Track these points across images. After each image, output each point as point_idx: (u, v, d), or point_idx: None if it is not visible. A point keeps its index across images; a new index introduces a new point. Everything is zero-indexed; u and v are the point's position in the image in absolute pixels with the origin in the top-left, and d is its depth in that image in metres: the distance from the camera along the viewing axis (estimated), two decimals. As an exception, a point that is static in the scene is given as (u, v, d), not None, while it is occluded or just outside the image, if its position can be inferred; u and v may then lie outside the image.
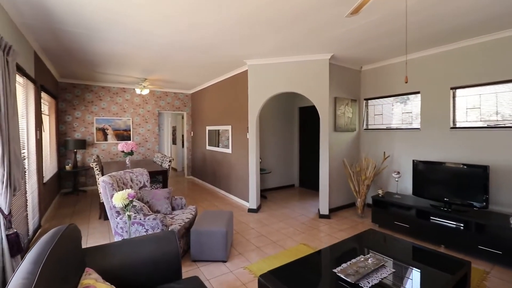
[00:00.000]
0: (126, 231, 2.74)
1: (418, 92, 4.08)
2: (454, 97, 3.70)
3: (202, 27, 3.09)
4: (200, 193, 6.02)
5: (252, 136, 4.56)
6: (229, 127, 5.55)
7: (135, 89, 5.90)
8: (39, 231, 3.70)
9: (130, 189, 2.36)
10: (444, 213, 3.19)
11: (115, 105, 6.67)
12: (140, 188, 3.37)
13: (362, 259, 2.00)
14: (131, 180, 3.30)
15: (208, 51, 3.98)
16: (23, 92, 3.27)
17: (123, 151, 5.02)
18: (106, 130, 6.57)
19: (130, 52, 4.02)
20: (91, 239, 3.43)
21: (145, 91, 5.88)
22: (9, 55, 2.20)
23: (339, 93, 4.54)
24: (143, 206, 2.89)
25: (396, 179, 4.00)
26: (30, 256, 1.16)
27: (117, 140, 6.70)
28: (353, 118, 4.79)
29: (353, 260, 2.00)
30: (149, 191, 3.33)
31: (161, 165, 5.25)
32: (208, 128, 6.61)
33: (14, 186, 2.29)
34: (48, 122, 5.41)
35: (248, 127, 4.61)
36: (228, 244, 2.98)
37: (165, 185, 4.70)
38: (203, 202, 5.25)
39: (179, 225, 2.84)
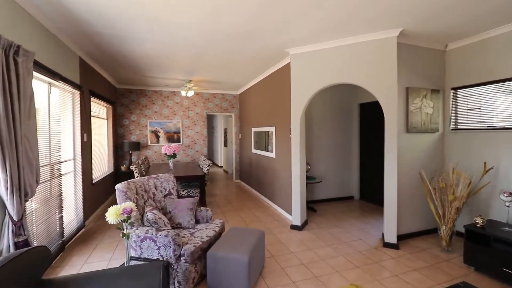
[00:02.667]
0: (140, 247, 2.42)
1: (547, 73, 2.70)
2: None
3: (231, 11, 2.58)
4: (243, 199, 5.56)
5: (296, 137, 3.84)
6: (273, 129, 4.94)
7: (181, 92, 5.86)
8: (82, 230, 3.80)
9: (130, 202, 1.99)
10: None
11: (166, 108, 6.83)
12: (165, 196, 3.06)
13: None
14: (155, 187, 3.02)
15: (243, 41, 3.46)
16: (61, 96, 3.34)
17: (166, 154, 4.94)
18: (158, 133, 6.77)
19: (162, 50, 3.83)
20: (100, 250, 3.29)
21: (190, 93, 5.77)
22: (19, 56, 2.09)
23: (412, 81, 3.43)
24: (159, 218, 2.53)
25: (507, 204, 2.70)
26: None
27: (168, 142, 6.83)
28: (435, 114, 3.57)
29: None
30: (173, 200, 2.99)
31: (202, 168, 5.00)
32: (253, 130, 6.14)
33: (25, 191, 2.18)
34: (106, 126, 5.79)
35: (291, 127, 3.91)
36: (254, 275, 2.37)
37: (202, 191, 4.38)
38: (243, 210, 4.76)
39: (195, 245, 2.37)
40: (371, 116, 5.22)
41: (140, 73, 5.18)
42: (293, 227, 3.83)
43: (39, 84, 2.88)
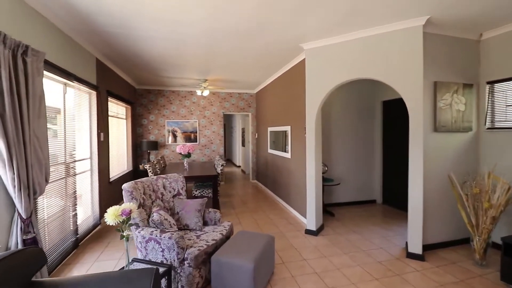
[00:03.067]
0: (145, 248, 2.37)
1: None
2: None
3: (233, 8, 2.46)
4: (258, 201, 5.43)
5: (311, 136, 3.63)
6: (288, 128, 4.76)
7: (196, 91, 5.85)
8: (97, 228, 3.88)
9: (131, 203, 1.93)
10: None
11: (184, 108, 6.88)
12: (173, 197, 3.02)
13: None
14: (164, 187, 2.98)
15: (254, 36, 3.33)
16: (77, 96, 3.41)
17: (180, 153, 4.95)
18: (175, 132, 6.84)
19: (173, 49, 3.80)
20: (111, 248, 3.29)
21: (206, 92, 5.74)
22: (28, 56, 2.12)
23: (441, 75, 3.10)
24: (164, 219, 2.47)
25: (557, 214, 2.32)
26: None
27: (186, 142, 6.88)
28: (467, 111, 3.20)
29: None
30: (181, 201, 2.93)
31: (216, 169, 4.94)
32: (269, 129, 5.98)
33: (34, 189, 2.21)
34: (125, 125, 5.94)
35: (305, 127, 3.71)
36: (260, 282, 2.23)
37: (214, 192, 4.31)
38: (257, 212, 4.63)
39: (199, 249, 2.28)
40: (395, 114, 4.86)
41: (156, 73, 5.24)
42: (308, 231, 3.63)
43: (54, 85, 2.95)
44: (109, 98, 4.57)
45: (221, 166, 4.58)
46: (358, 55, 3.23)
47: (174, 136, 6.85)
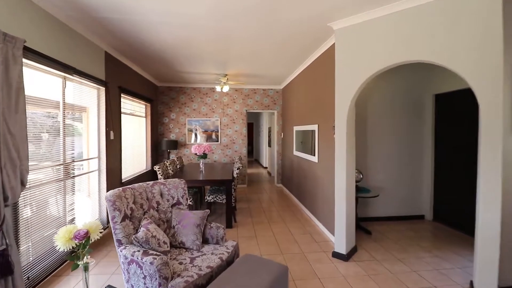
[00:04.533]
0: (127, 270, 1.95)
1: None
2: None
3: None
4: (281, 208, 4.83)
5: (341, 137, 2.94)
6: (315, 127, 4.07)
7: (216, 87, 5.40)
8: (103, 232, 3.62)
9: (90, 223, 1.49)
10: None
11: (205, 105, 6.53)
12: (172, 206, 2.57)
13: None
14: (161, 195, 2.54)
15: (272, 13, 2.74)
16: (80, 91, 3.15)
17: (196, 154, 4.56)
18: (196, 131, 6.53)
19: (182, 37, 3.37)
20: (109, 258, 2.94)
21: (226, 88, 5.29)
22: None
23: (533, 53, 2.21)
24: (152, 236, 2.02)
25: None
26: None
27: (207, 141, 6.54)
28: None
29: None
30: (179, 212, 2.47)
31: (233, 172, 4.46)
32: (295, 128, 5.33)
33: (5, 195, 1.90)
34: (144, 124, 5.75)
35: (334, 125, 3.02)
36: (264, 335, 1.65)
37: (228, 199, 3.82)
38: (277, 223, 4.03)
39: (187, 281, 1.77)
40: (453, 110, 3.89)
41: (173, 67, 4.92)
42: (336, 255, 2.95)
43: (51, 78, 2.70)
44: (122, 95, 4.34)
45: (237, 169, 4.07)
46: (407, 30, 2.46)
47: (195, 135, 6.54)
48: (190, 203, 3.91)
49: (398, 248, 3.20)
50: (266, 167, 10.21)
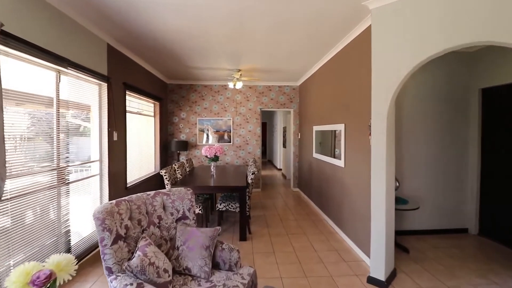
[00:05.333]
0: (119, 306, 1.55)
1: None
2: None
3: None
4: (300, 217, 4.35)
5: (380, 139, 2.43)
6: (341, 127, 3.57)
7: (228, 84, 4.97)
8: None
9: (67, 255, 1.09)
10: None
11: (217, 104, 6.14)
12: (177, 221, 2.16)
13: None
14: (163, 207, 2.14)
15: (296, -8, 2.28)
16: (77, 87, 2.80)
17: (206, 156, 4.17)
18: (207, 131, 6.15)
19: (192, 24, 2.97)
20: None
21: (239, 85, 4.87)
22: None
23: None
24: (149, 264, 1.61)
25: None
26: None
27: (219, 142, 6.15)
28: None
29: None
30: (185, 229, 2.05)
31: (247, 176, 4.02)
32: (315, 128, 4.84)
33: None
34: (153, 123, 5.43)
35: (370, 125, 2.52)
36: None
37: (242, 207, 3.39)
38: (297, 236, 3.56)
39: (192, 329, 1.35)
40: (503, 107, 3.29)
41: (182, 62, 4.54)
42: (372, 280, 2.45)
43: (41, 71, 2.35)
44: (128, 92, 4.00)
45: (252, 174, 3.63)
46: (466, 4, 1.92)
47: (207, 136, 6.16)
48: (200, 211, 3.50)
49: (444, 271, 2.66)
50: (280, 169, 9.73)
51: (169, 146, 5.79)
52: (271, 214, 4.53)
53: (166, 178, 3.51)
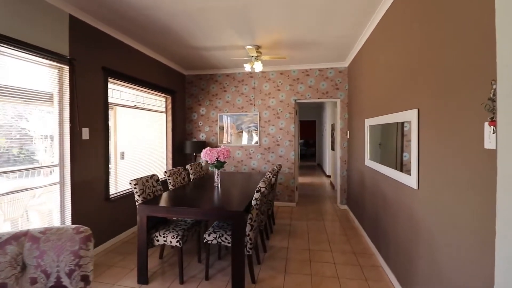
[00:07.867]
0: None
1: None
2: None
3: None
4: (343, 257, 2.86)
5: (507, 137, 0.89)
6: (412, 115, 2.01)
7: (244, 66, 3.74)
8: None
9: None
10: None
11: (241, 96, 5.03)
12: (46, 295, 1.08)
13: None
14: (22, 267, 1.08)
15: None
16: (17, 70, 2.03)
17: (207, 162, 3.10)
18: (229, 129, 5.10)
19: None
20: None
21: (258, 66, 3.65)
22: None
23: None
24: None
25: None
26: None
27: (242, 142, 5.03)
28: None
29: None
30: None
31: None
32: (367, 122, 3.26)
33: None
34: (164, 120, 4.65)
35: (490, 103, 1.00)
36: None
37: (235, 246, 2.14)
38: (329, 298, 2.14)
39: None
40: None
41: (184, 42, 3.57)
42: None
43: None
44: (114, 80, 3.21)
45: (259, 192, 2.34)
46: None
47: (230, 135, 5.11)
48: (178, 244, 2.38)
49: None
50: (329, 176, 8.07)
51: (184, 148, 4.93)
52: (297, 247, 3.15)
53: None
